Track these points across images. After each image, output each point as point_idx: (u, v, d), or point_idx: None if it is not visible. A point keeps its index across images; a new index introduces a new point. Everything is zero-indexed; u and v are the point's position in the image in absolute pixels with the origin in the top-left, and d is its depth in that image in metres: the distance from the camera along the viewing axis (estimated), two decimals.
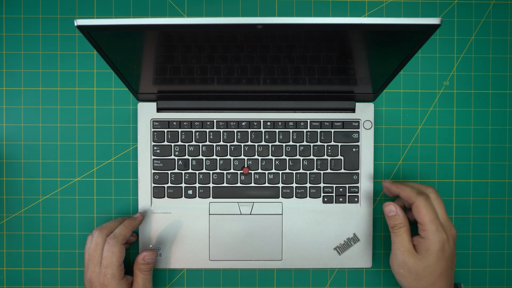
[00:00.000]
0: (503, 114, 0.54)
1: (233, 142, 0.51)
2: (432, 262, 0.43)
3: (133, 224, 0.48)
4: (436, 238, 0.43)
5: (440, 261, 0.43)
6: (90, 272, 0.45)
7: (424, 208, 0.44)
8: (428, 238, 0.43)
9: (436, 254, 0.43)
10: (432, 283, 0.44)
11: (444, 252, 0.43)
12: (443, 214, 0.45)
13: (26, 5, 0.52)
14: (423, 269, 0.43)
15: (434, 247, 0.43)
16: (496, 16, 0.53)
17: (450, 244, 0.44)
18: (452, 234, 0.45)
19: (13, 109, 0.52)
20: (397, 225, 0.45)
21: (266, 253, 0.51)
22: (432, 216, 0.43)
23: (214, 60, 0.39)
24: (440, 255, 0.43)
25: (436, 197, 0.45)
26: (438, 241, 0.43)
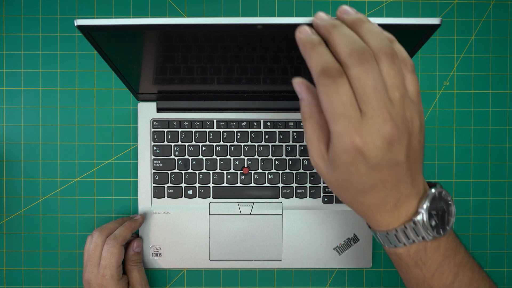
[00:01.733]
0: (503, 114, 0.54)
1: (233, 142, 0.51)
2: (344, 176, 0.28)
3: (133, 226, 0.48)
4: (342, 144, 0.26)
5: (354, 176, 0.28)
6: (88, 273, 0.45)
7: (325, 97, 0.26)
8: (333, 143, 0.27)
9: (346, 167, 0.27)
10: (354, 199, 0.30)
11: (361, 165, 0.27)
12: (369, 102, 0.25)
13: (26, 5, 0.52)
14: (336, 183, 0.30)
15: (341, 159, 0.27)
16: (496, 16, 0.53)
17: (373, 153, 0.26)
18: (383, 137, 0.26)
19: (13, 109, 0.52)
20: (302, 114, 0.30)
21: (266, 253, 0.51)
22: (337, 110, 0.26)
23: (214, 60, 0.39)
24: (352, 170, 0.27)
25: (357, 74, 0.25)
26: (344, 150, 0.26)
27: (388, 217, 0.30)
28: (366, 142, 0.26)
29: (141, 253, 0.50)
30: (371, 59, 0.25)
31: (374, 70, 0.25)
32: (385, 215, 0.30)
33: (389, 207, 0.30)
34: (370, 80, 0.25)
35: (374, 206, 0.30)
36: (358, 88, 0.25)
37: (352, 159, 0.27)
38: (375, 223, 0.31)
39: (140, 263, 0.49)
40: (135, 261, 0.48)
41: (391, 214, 0.30)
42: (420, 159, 0.30)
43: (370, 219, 0.31)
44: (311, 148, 0.30)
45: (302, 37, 0.27)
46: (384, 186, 0.28)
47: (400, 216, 0.30)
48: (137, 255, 0.49)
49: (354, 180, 0.28)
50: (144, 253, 0.51)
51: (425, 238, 0.30)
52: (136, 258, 0.49)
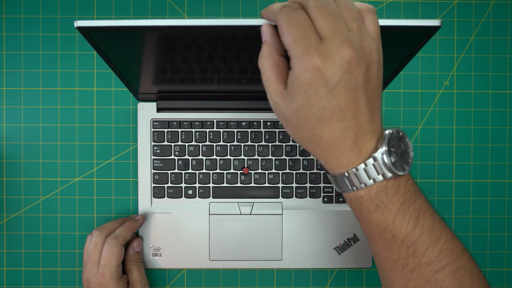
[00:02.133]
0: (503, 114, 0.54)
1: (233, 142, 0.51)
2: (302, 103, 0.28)
3: (134, 226, 0.48)
4: (302, 65, 0.27)
5: (313, 99, 0.28)
6: (87, 272, 0.45)
7: (285, 24, 0.27)
8: (293, 67, 0.28)
9: (305, 89, 0.28)
10: (312, 133, 0.30)
11: (320, 85, 0.27)
12: (328, 27, 0.27)
13: (26, 5, 0.52)
14: (295, 114, 0.30)
15: (300, 80, 0.27)
16: (496, 16, 0.53)
17: (332, 72, 0.27)
18: (342, 57, 0.27)
19: (13, 109, 0.52)
20: (260, 56, 0.30)
21: (266, 253, 0.51)
22: (297, 34, 0.27)
23: (214, 60, 0.39)
24: (311, 91, 0.28)
25: (316, 3, 0.27)
26: (304, 70, 0.27)
27: (348, 154, 0.30)
28: (326, 62, 0.27)
29: (141, 252, 0.50)
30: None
31: (331, 2, 0.28)
32: (345, 151, 0.30)
33: (349, 142, 0.30)
34: (328, 7, 0.27)
35: (333, 141, 0.30)
36: (317, 16, 0.27)
37: (312, 79, 0.27)
38: (335, 163, 0.31)
39: (140, 262, 0.49)
40: (135, 261, 0.48)
41: (351, 151, 0.30)
42: (379, 97, 0.31)
43: (329, 158, 0.31)
44: (269, 88, 0.30)
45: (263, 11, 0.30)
46: (343, 114, 0.28)
47: (361, 153, 0.30)
48: (137, 254, 0.49)
49: (313, 105, 0.28)
50: (144, 253, 0.51)
51: (385, 176, 0.30)
52: (136, 258, 0.49)
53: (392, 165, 0.29)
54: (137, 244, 0.49)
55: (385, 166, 0.29)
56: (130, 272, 0.48)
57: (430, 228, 0.32)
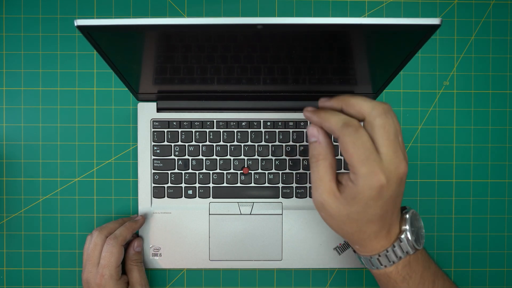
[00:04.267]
0: (503, 114, 0.54)
1: (233, 142, 0.51)
2: (359, 210, 0.33)
3: (134, 226, 0.48)
4: (368, 183, 0.32)
5: (370, 209, 0.33)
6: (87, 272, 0.45)
7: (351, 144, 0.32)
8: (357, 183, 0.32)
9: (365, 202, 0.32)
10: (358, 229, 0.35)
11: (380, 198, 0.32)
12: (390, 146, 0.32)
13: (26, 5, 0.52)
14: (347, 216, 0.34)
15: (364, 195, 0.32)
16: (496, 16, 0.53)
17: (391, 188, 0.32)
18: (398, 174, 0.32)
19: (13, 109, 0.52)
20: (315, 156, 0.34)
21: (266, 253, 0.51)
22: (363, 155, 0.31)
23: (214, 60, 0.39)
24: (371, 203, 0.33)
25: (383, 123, 0.32)
26: (370, 188, 0.32)
27: (383, 241, 0.36)
28: (388, 180, 0.32)
29: (142, 253, 0.50)
30: (389, 111, 0.33)
31: (394, 119, 0.33)
32: (381, 239, 0.36)
33: (384, 232, 0.35)
34: (392, 127, 0.32)
35: (374, 233, 0.35)
36: (382, 134, 0.32)
37: (375, 195, 0.32)
38: (370, 248, 0.36)
39: (141, 262, 0.49)
40: (135, 261, 0.48)
41: (385, 238, 0.36)
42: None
43: (366, 245, 0.36)
44: (320, 186, 0.34)
45: (311, 109, 0.35)
46: (387, 215, 0.34)
47: (391, 238, 0.36)
48: (137, 254, 0.49)
49: (369, 212, 0.33)
50: (144, 253, 0.51)
51: (409, 253, 0.36)
52: (136, 258, 0.49)
53: (414, 243, 0.36)
54: (137, 244, 0.49)
55: (409, 245, 0.36)
56: (130, 272, 0.48)
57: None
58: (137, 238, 0.50)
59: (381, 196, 0.32)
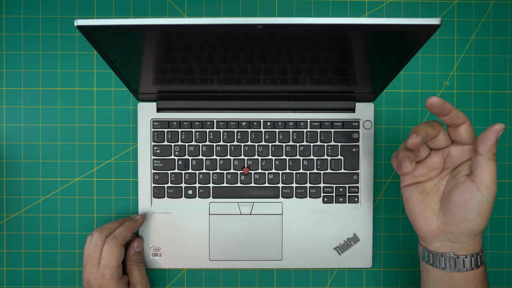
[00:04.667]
0: (503, 114, 0.54)
1: (233, 142, 0.51)
2: (495, 191, 0.37)
3: (134, 226, 0.48)
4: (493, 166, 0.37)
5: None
6: (88, 273, 0.45)
7: (493, 170, 0.36)
8: (483, 166, 0.36)
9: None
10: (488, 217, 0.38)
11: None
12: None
13: (26, 5, 0.52)
14: (492, 204, 0.37)
15: (494, 176, 0.36)
16: (496, 16, 0.53)
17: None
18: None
19: (13, 109, 0.52)
20: (494, 153, 0.37)
21: (266, 253, 0.51)
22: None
23: (214, 60, 0.39)
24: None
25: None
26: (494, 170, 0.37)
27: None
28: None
29: (142, 252, 0.50)
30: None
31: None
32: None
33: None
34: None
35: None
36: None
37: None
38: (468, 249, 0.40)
39: (141, 262, 0.49)
40: (135, 261, 0.48)
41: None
42: None
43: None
44: (486, 181, 0.37)
45: (497, 128, 0.37)
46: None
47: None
48: (137, 254, 0.49)
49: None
50: (144, 253, 0.51)
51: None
52: (136, 258, 0.49)
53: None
54: (137, 244, 0.49)
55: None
56: (131, 272, 0.48)
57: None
58: (137, 238, 0.50)
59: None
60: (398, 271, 0.54)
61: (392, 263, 0.53)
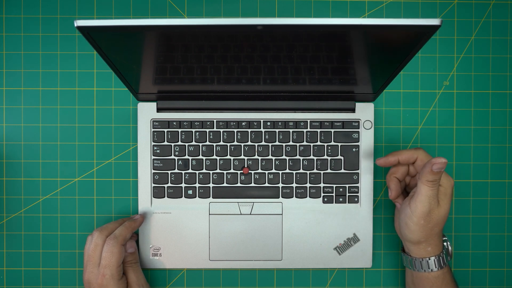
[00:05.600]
0: (503, 114, 0.54)
1: (233, 142, 0.51)
2: (448, 207, 0.44)
3: (133, 226, 0.48)
4: (449, 181, 0.44)
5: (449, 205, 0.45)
6: (88, 273, 0.45)
7: (428, 156, 0.45)
8: (443, 184, 0.44)
9: (449, 198, 0.44)
10: (440, 229, 0.45)
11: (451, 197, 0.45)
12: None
13: (26, 5, 0.52)
14: (443, 217, 0.44)
15: (448, 191, 0.44)
16: (496, 16, 0.53)
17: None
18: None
19: (13, 109, 0.52)
20: (436, 180, 0.43)
21: (266, 253, 0.51)
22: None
23: (214, 60, 0.39)
24: (450, 200, 0.44)
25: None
26: (450, 185, 0.44)
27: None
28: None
29: (136, 253, 0.49)
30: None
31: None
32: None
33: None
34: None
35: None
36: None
37: (451, 190, 0.45)
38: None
39: (136, 263, 0.49)
40: (129, 262, 0.48)
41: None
42: None
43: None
44: (433, 199, 0.43)
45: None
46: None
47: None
48: (131, 255, 0.48)
49: (448, 209, 0.46)
50: (144, 253, 0.51)
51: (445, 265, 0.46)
52: (130, 259, 0.48)
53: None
54: (129, 245, 0.48)
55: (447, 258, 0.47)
56: (126, 273, 0.48)
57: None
58: (130, 239, 0.49)
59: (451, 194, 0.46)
60: (398, 271, 0.54)
61: (392, 263, 0.54)
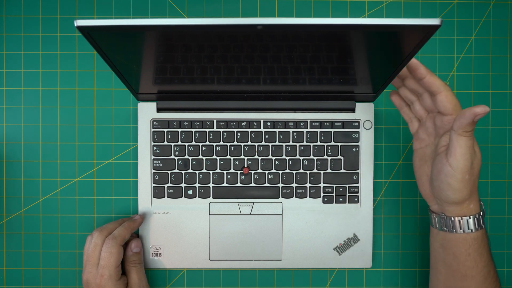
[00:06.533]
0: (503, 114, 0.54)
1: (233, 142, 0.51)
2: (480, 154, 0.40)
3: (133, 226, 0.48)
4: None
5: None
6: (87, 273, 0.45)
7: (455, 100, 0.39)
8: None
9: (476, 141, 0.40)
10: (477, 180, 0.41)
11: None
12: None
13: (26, 5, 0.52)
14: (480, 164, 0.40)
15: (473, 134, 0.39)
16: (496, 16, 0.53)
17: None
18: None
19: (13, 109, 0.52)
20: (473, 129, 0.38)
21: (266, 253, 0.51)
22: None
23: (214, 60, 0.39)
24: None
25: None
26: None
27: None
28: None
29: (141, 253, 0.50)
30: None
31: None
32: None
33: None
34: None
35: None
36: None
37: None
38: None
39: (140, 264, 0.49)
40: (133, 262, 0.48)
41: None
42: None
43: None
44: (471, 149, 0.38)
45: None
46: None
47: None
48: (136, 255, 0.48)
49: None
50: (144, 253, 0.51)
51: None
52: (135, 259, 0.48)
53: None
54: (135, 245, 0.48)
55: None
56: (128, 273, 0.48)
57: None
58: (135, 239, 0.49)
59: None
60: (398, 271, 0.54)
61: (392, 263, 0.54)
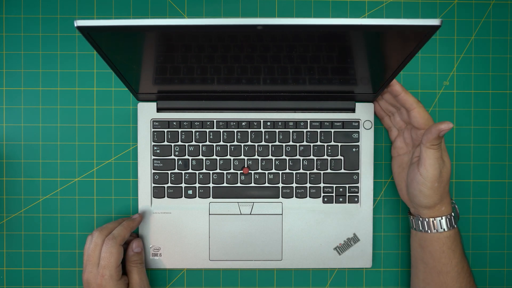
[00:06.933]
0: (503, 114, 0.54)
1: (233, 142, 0.51)
2: (449, 160, 0.45)
3: (132, 225, 0.48)
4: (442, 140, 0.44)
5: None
6: (88, 273, 0.45)
7: (426, 115, 0.45)
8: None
9: (446, 150, 0.45)
10: (448, 186, 0.46)
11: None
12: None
13: (26, 5, 0.52)
14: (449, 172, 0.45)
15: (443, 144, 0.45)
16: (496, 16, 0.53)
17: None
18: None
19: (13, 109, 0.52)
20: (440, 142, 0.43)
21: (266, 253, 0.51)
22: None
23: (214, 60, 0.39)
24: (447, 152, 0.45)
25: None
26: (442, 138, 0.43)
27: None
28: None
29: (143, 253, 0.50)
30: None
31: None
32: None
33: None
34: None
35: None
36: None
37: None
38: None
39: (141, 263, 0.49)
40: (134, 262, 0.48)
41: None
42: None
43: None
44: (440, 160, 0.44)
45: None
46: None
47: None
48: (137, 255, 0.49)
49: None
50: (144, 253, 0.51)
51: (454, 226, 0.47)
52: (136, 259, 0.48)
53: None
54: (136, 244, 0.48)
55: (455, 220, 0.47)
56: (130, 273, 0.48)
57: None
58: (136, 239, 0.49)
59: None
60: (398, 271, 0.54)
61: (392, 263, 0.54)
